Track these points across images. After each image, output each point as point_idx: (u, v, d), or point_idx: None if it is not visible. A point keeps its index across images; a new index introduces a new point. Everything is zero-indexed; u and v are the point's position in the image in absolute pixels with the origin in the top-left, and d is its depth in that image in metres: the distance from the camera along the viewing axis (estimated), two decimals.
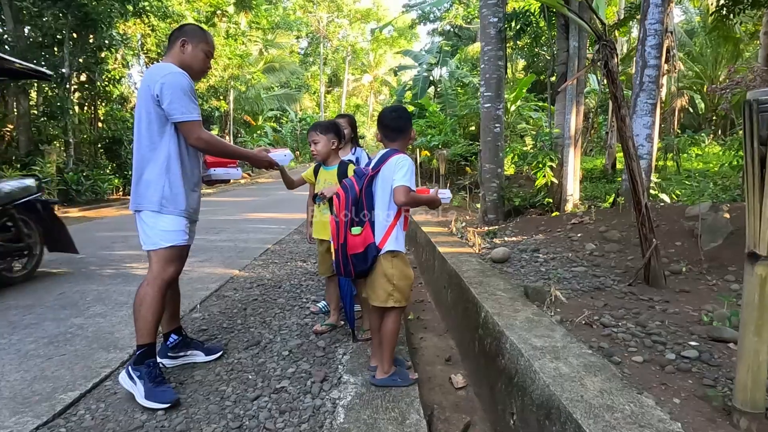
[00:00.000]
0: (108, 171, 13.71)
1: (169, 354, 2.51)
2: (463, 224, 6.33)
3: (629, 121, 3.47)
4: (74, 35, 12.19)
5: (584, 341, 2.48)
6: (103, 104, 14.90)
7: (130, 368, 2.18)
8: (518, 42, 8.39)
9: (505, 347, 2.63)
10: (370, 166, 2.22)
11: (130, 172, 14.19)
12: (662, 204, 5.71)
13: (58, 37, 12.18)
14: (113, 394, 2.25)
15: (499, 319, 2.86)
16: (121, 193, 14.24)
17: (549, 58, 14.44)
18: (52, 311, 3.48)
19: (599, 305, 3.09)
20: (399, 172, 2.10)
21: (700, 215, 4.10)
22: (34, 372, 2.45)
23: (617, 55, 3.33)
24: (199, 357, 2.59)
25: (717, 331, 2.43)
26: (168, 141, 2.20)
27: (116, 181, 13.59)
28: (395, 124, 2.25)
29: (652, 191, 5.86)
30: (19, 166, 10.72)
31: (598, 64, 3.43)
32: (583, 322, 2.79)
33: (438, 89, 16.92)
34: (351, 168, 2.81)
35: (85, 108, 14.19)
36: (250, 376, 2.40)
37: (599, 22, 3.27)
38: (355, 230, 2.07)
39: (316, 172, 3.05)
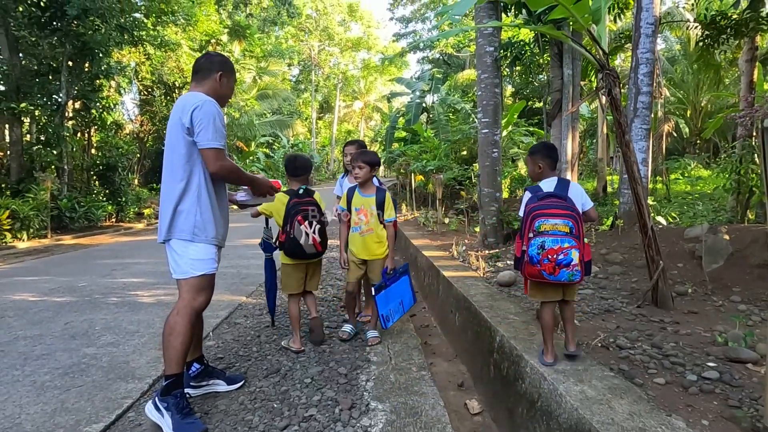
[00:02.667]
0: (101, 197, 13.63)
1: (191, 383, 2.49)
2: (464, 248, 6.37)
3: (633, 146, 3.59)
4: (70, 63, 12.28)
5: (604, 364, 2.51)
6: (98, 131, 14.91)
7: (156, 399, 2.15)
8: (514, 69, 8.64)
9: (525, 371, 2.65)
10: (551, 190, 2.46)
11: (123, 199, 14.23)
12: (660, 226, 5.83)
13: (53, 65, 12.26)
14: (138, 425, 2.22)
15: (517, 343, 2.89)
16: (114, 219, 14.12)
17: (538, 85, 14.87)
18: (62, 341, 3.42)
19: (612, 327, 3.13)
20: (585, 196, 2.52)
21: (702, 237, 4.20)
22: (54, 404, 2.41)
23: (620, 83, 3.47)
24: (221, 386, 2.57)
25: (734, 351, 2.48)
26: (199, 170, 2.24)
27: (110, 207, 13.50)
28: (556, 156, 2.63)
29: None
30: (9, 193, 10.61)
31: (602, 92, 3.57)
32: (599, 344, 2.83)
33: (430, 115, 17.23)
34: (389, 195, 3.28)
35: (79, 135, 14.18)
36: (275, 405, 2.38)
37: (602, 53, 3.41)
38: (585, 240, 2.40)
39: (350, 197, 3.33)
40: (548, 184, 2.48)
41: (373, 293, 3.10)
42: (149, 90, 18.60)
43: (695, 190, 11.63)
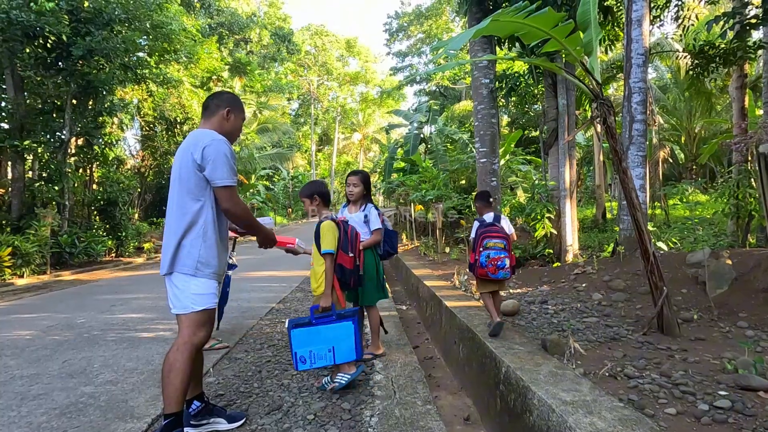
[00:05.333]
0: (101, 232, 13.62)
1: (191, 422, 2.42)
2: (466, 277, 6.34)
3: (631, 173, 3.63)
4: (74, 102, 12.52)
5: (612, 394, 2.46)
6: (99, 167, 15.06)
7: None
8: (510, 100, 8.82)
9: (532, 403, 2.59)
10: (490, 222, 3.72)
11: (123, 233, 14.23)
12: (661, 252, 5.82)
13: (57, 103, 12.49)
14: None
15: (523, 374, 2.84)
16: (113, 254, 14.08)
17: (533, 114, 15.13)
18: (60, 380, 3.36)
19: (619, 356, 3.09)
20: (510, 224, 3.78)
21: (705, 262, 4.19)
22: None
23: (614, 112, 3.53)
24: (222, 424, 2.50)
25: (744, 379, 2.44)
26: (208, 206, 2.25)
27: (109, 242, 13.48)
28: (491, 199, 4.00)
29: None
30: (9, 229, 10.61)
31: (597, 121, 3.63)
32: (607, 374, 2.78)
33: (428, 146, 17.45)
34: (326, 224, 3.04)
35: (81, 171, 14.31)
36: None
37: (595, 83, 3.49)
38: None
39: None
40: (488, 217, 3.77)
41: (287, 326, 2.82)
42: (151, 126, 18.90)
43: (694, 215, 11.65)
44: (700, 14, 9.35)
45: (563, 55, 6.41)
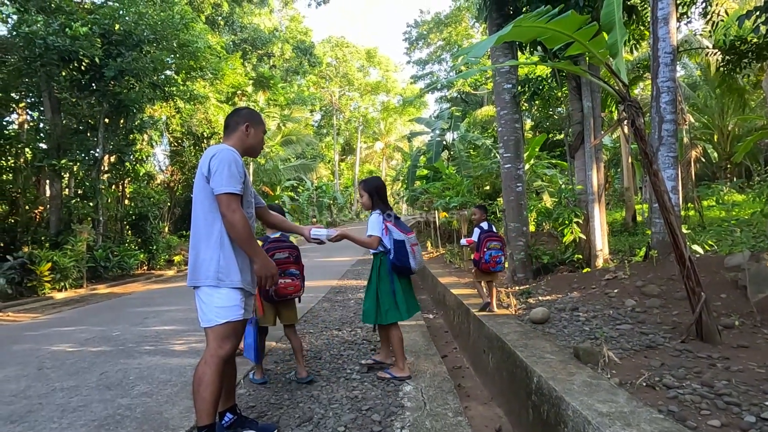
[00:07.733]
0: (134, 246, 14.03)
1: None
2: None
3: (662, 175, 3.52)
4: (107, 121, 13.01)
5: (651, 405, 2.38)
6: (131, 182, 15.57)
7: None
8: (533, 103, 8.70)
9: (566, 414, 2.52)
10: (488, 229, 4.94)
11: (154, 247, 14.64)
12: (697, 256, 5.61)
13: (91, 122, 13.01)
14: None
15: (555, 384, 2.77)
16: (145, 267, 14.47)
17: (557, 117, 14.91)
18: (98, 392, 3.45)
19: (656, 365, 2.98)
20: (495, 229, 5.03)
21: (745, 265, 4.02)
22: None
23: (642, 113, 3.45)
24: None
25: None
26: (220, 216, 2.29)
27: (141, 256, 13.87)
28: (487, 211, 5.20)
29: None
30: (48, 245, 11.05)
31: (625, 123, 3.55)
32: (644, 383, 2.68)
33: (451, 152, 17.38)
34: None
35: (114, 187, 14.82)
36: None
37: (622, 84, 3.42)
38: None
39: None
40: (484, 225, 4.96)
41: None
42: (179, 141, 19.45)
43: (731, 216, 11.21)
44: (729, 9, 9.07)
45: (587, 57, 6.31)
